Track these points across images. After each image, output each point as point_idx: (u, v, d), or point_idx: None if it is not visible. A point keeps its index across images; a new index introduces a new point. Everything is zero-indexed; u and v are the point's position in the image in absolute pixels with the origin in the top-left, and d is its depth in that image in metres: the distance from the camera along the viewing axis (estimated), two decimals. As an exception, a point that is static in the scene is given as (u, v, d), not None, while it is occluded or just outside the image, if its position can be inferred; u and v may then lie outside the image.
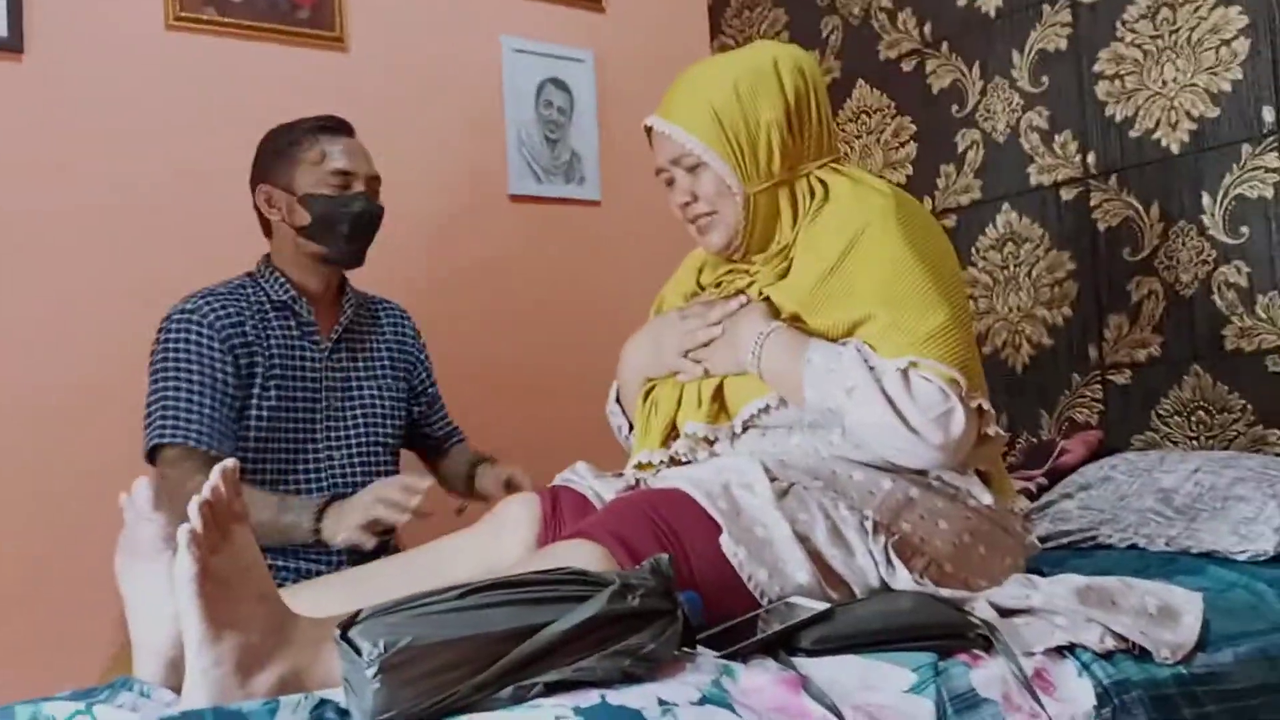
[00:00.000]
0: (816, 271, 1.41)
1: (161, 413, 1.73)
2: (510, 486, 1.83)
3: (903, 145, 2.62)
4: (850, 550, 1.23)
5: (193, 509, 0.97)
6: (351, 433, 1.91)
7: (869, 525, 1.25)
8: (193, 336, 1.77)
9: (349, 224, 1.83)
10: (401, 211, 2.32)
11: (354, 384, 1.93)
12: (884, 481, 1.31)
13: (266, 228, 1.91)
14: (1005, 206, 2.40)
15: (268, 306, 1.86)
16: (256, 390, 1.80)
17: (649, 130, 1.53)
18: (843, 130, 2.76)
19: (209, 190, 2.25)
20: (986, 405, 1.35)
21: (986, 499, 1.37)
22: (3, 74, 2.07)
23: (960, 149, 2.49)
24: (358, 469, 1.90)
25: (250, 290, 1.87)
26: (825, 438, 1.38)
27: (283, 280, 1.87)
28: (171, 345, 1.77)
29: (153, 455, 1.74)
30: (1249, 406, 2.02)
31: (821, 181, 1.48)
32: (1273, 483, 1.66)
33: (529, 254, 2.63)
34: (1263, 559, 1.55)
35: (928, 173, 2.56)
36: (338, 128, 1.88)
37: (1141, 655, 1.21)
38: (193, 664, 0.96)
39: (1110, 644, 1.18)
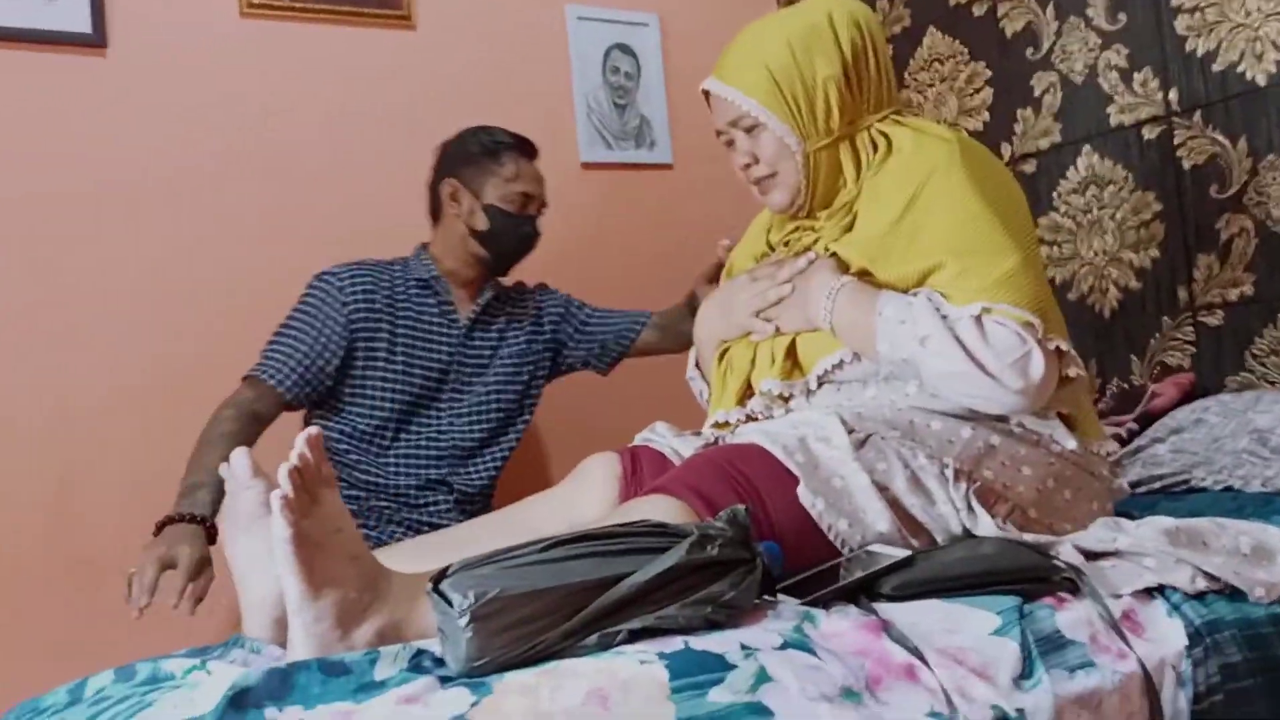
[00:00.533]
0: (882, 223, 1.40)
1: (266, 352, 1.87)
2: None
3: (977, 92, 2.57)
4: (930, 498, 1.23)
5: (282, 475, 1.01)
6: (475, 408, 2.01)
7: (949, 473, 1.24)
8: (318, 295, 1.92)
9: (517, 241, 1.99)
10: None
11: (487, 364, 2.04)
12: (963, 430, 1.31)
13: (435, 216, 2.04)
14: (1086, 149, 2.35)
15: (411, 282, 1.99)
16: (383, 356, 1.92)
17: (706, 94, 1.53)
18: (914, 79, 2.71)
19: (288, 173, 2.30)
20: (1066, 346, 1.33)
21: (1070, 443, 1.35)
22: (88, 69, 2.14)
23: (1037, 92, 2.43)
24: (475, 438, 2.01)
25: (399, 269, 2.01)
26: (901, 389, 1.37)
27: (431, 264, 2.01)
28: (302, 298, 1.93)
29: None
30: (1347, 342, 1.96)
31: (883, 134, 1.47)
32: (1375, 418, 1.61)
33: (604, 221, 2.65)
34: (1364, 496, 1.51)
35: (1004, 118, 2.51)
36: (529, 151, 2.02)
37: (1234, 596, 1.19)
38: (295, 622, 1.00)
39: (1202, 584, 1.17)
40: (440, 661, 0.93)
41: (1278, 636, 1.17)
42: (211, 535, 1.56)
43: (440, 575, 0.95)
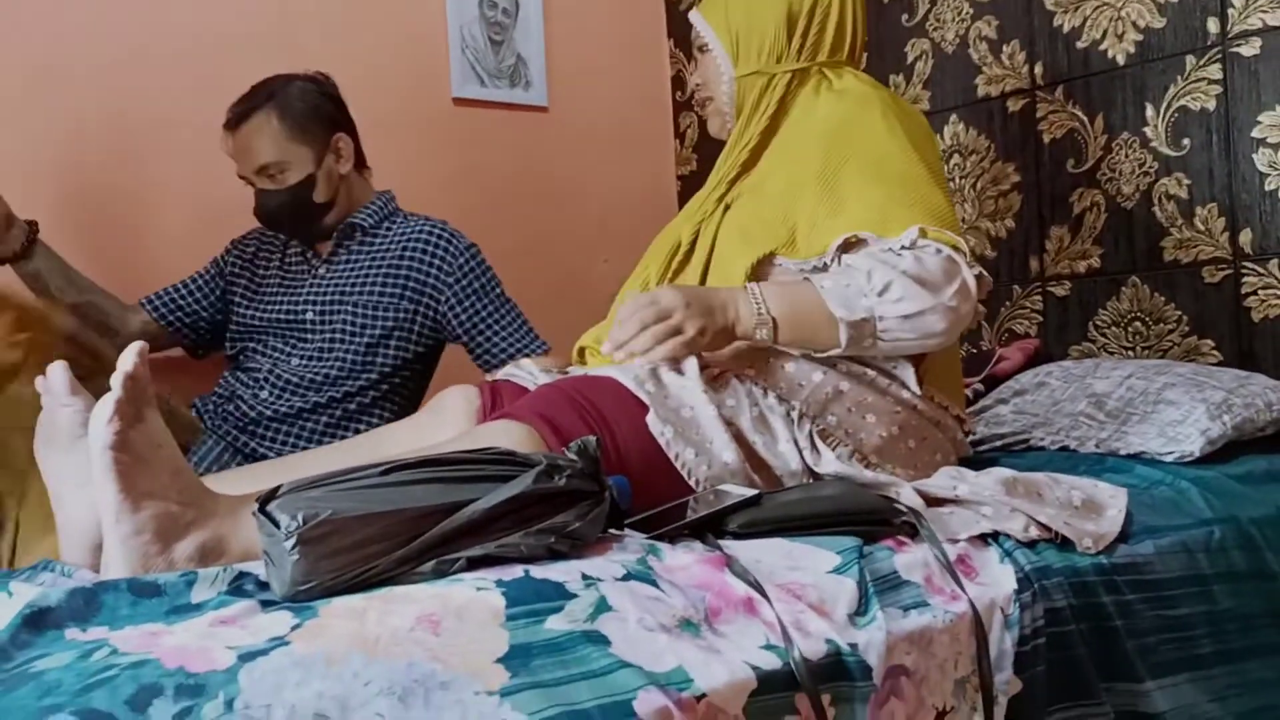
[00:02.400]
0: (802, 171, 1.44)
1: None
2: None
3: (853, 55, 2.59)
4: (774, 436, 1.24)
5: (116, 380, 0.95)
6: (316, 343, 1.94)
7: (794, 414, 1.26)
8: (221, 253, 2.09)
9: (267, 221, 1.96)
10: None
11: (337, 300, 1.95)
12: (815, 374, 1.32)
13: None
14: (953, 118, 2.39)
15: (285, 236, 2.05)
16: (240, 296, 2.02)
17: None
18: (793, 39, 2.72)
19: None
20: (983, 273, 1.37)
21: (916, 389, 1.37)
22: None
23: (910, 59, 2.47)
24: (317, 375, 1.92)
25: None
26: None
27: None
28: None
29: None
30: (1184, 317, 2.05)
31: (810, 79, 1.55)
32: (1201, 387, 1.69)
33: (473, 160, 2.59)
34: (1189, 460, 1.58)
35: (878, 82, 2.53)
36: (227, 123, 1.90)
37: (1064, 545, 1.24)
38: (111, 534, 0.95)
39: (1034, 534, 1.21)
40: (265, 585, 0.89)
41: (1102, 585, 1.22)
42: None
43: (269, 496, 0.90)
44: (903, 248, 1.32)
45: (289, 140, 1.88)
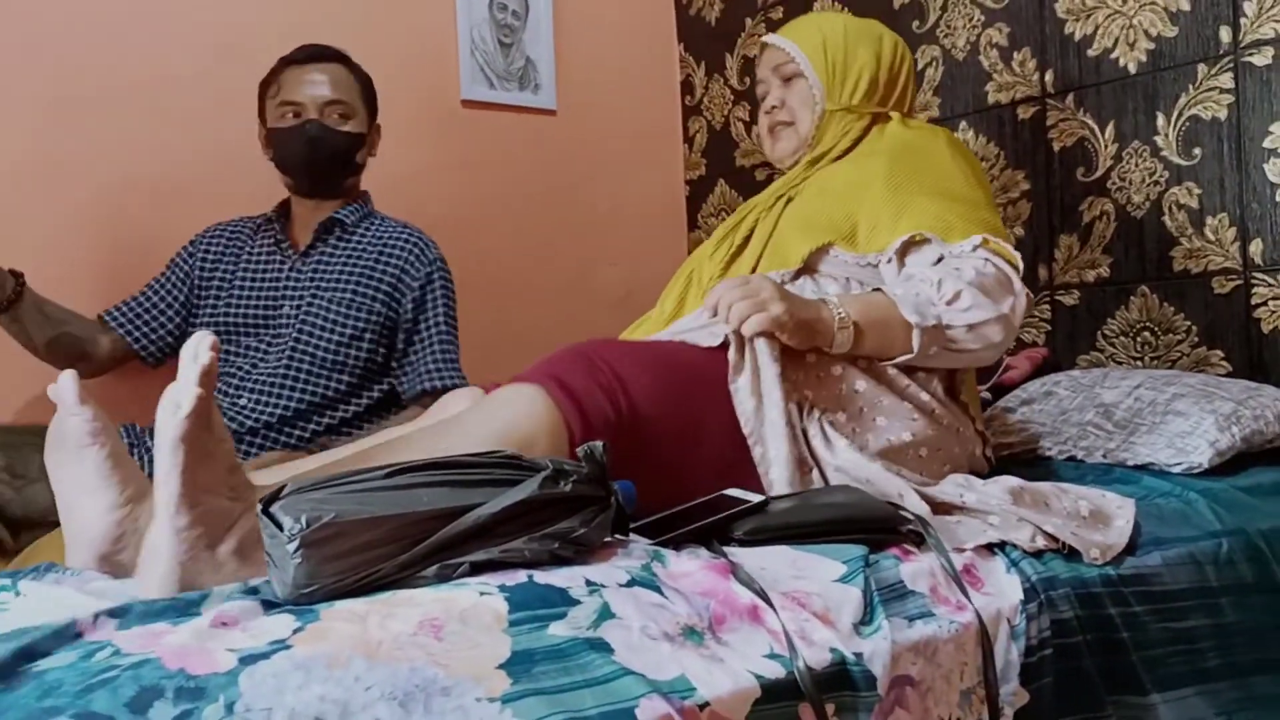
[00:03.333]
0: (869, 175, 1.53)
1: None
2: None
3: (863, 61, 2.59)
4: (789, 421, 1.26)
5: (194, 373, 0.96)
6: (290, 343, 1.91)
7: (805, 404, 1.27)
8: (176, 256, 2.04)
9: (298, 155, 1.90)
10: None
11: (307, 294, 1.93)
12: (834, 367, 1.32)
13: None
14: (963, 125, 2.39)
15: (256, 226, 2.03)
16: (212, 297, 1.97)
17: (763, 47, 1.72)
18: (803, 45, 2.72)
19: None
20: (1029, 292, 1.46)
21: (941, 394, 1.40)
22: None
23: (920, 65, 2.46)
24: (291, 374, 1.89)
25: (260, 218, 2.04)
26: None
27: (280, 206, 2.03)
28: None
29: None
30: (1193, 327, 2.04)
31: (885, 120, 1.67)
32: (1210, 398, 1.68)
33: (482, 162, 2.59)
34: (1197, 471, 1.57)
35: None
36: (297, 58, 1.93)
37: (1071, 556, 1.23)
38: (165, 525, 0.94)
39: (1040, 544, 1.20)
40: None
41: (1108, 596, 1.21)
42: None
43: (272, 497, 0.90)
44: (963, 254, 1.41)
45: (360, 97, 1.97)
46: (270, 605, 0.85)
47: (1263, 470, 1.63)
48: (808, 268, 1.51)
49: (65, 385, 1.07)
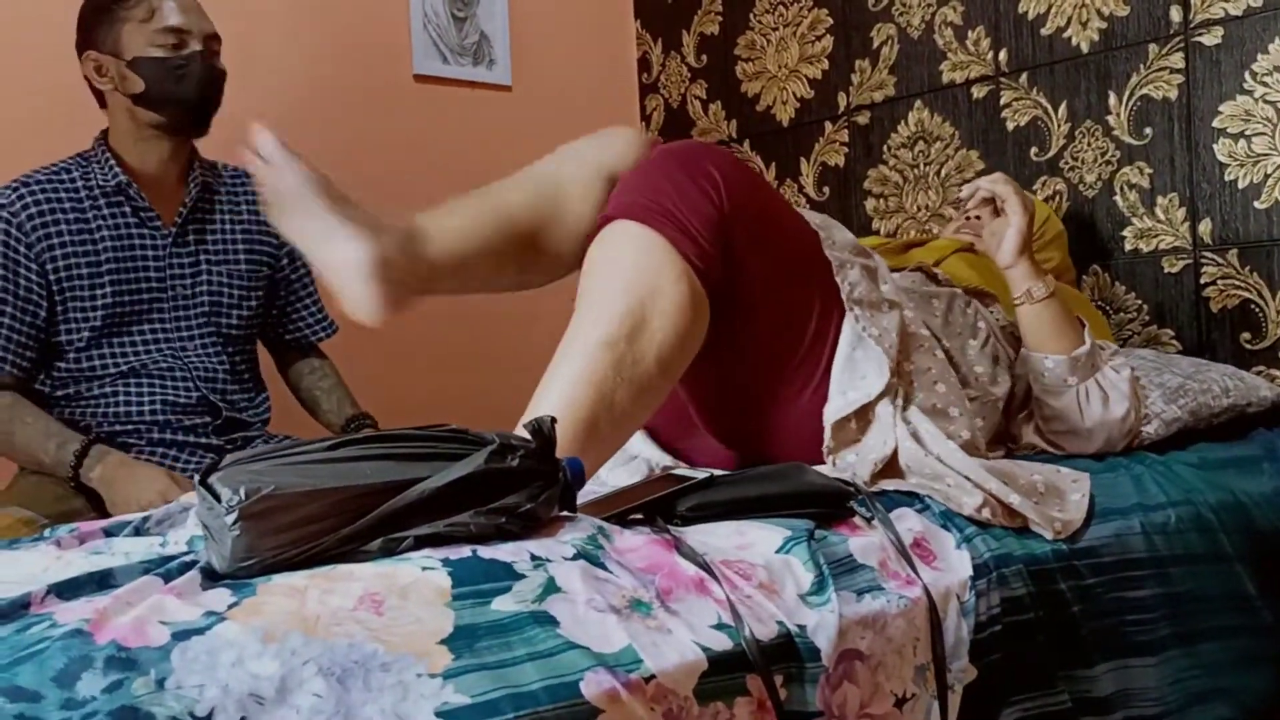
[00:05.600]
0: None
1: None
2: None
3: (819, 39, 2.58)
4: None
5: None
6: (198, 324, 1.78)
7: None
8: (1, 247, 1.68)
9: (187, 88, 1.69)
10: (298, 87, 2.22)
11: (202, 270, 1.79)
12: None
13: (100, 100, 1.76)
14: (918, 104, 2.39)
15: (98, 195, 1.72)
16: (86, 291, 1.70)
17: None
18: (759, 21, 2.71)
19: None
20: None
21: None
22: None
23: (875, 44, 2.46)
24: (212, 363, 1.79)
25: (78, 175, 1.73)
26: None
27: (114, 164, 1.72)
28: None
29: None
30: (1144, 306, 2.06)
31: None
32: (1160, 372, 1.70)
33: (434, 138, 2.55)
34: (1145, 444, 1.58)
35: (843, 67, 2.53)
36: None
37: (1022, 532, 1.23)
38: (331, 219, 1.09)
39: (986, 515, 1.20)
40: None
41: (1060, 571, 1.22)
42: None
43: (211, 468, 0.88)
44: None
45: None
46: (212, 576, 0.83)
47: (1210, 446, 1.65)
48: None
49: (267, 141, 1.12)
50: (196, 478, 0.88)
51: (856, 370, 1.28)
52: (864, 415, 1.27)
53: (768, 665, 0.89)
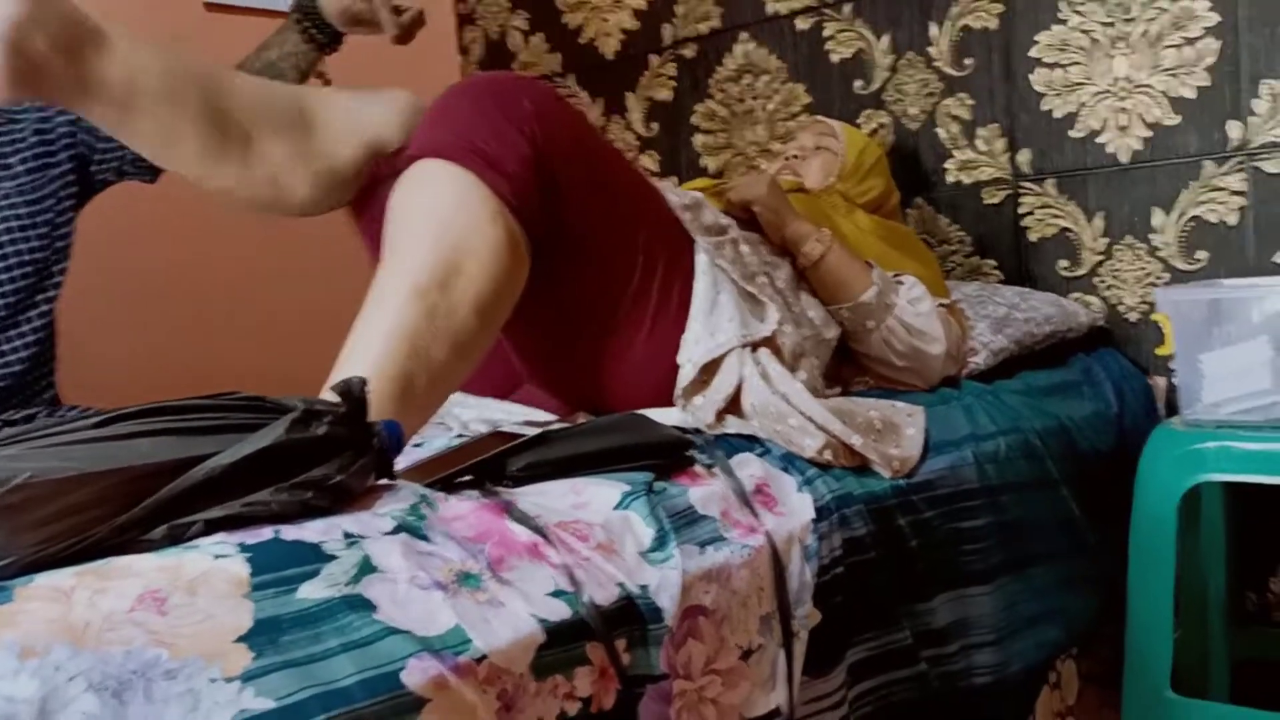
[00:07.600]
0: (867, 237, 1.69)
1: None
2: None
3: (641, -31, 2.50)
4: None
5: None
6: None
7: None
8: None
9: None
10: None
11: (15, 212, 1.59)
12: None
13: None
14: (744, 36, 2.34)
15: None
16: None
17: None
18: (579, -50, 2.60)
19: None
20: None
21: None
22: None
23: (699, -25, 2.39)
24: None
25: None
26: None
27: None
28: None
29: None
30: (967, 238, 2.08)
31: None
32: (985, 304, 1.71)
33: (232, 75, 2.35)
34: (974, 374, 1.60)
35: (666, 0, 2.45)
36: None
37: (862, 470, 1.21)
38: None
39: (828, 456, 1.17)
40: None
41: (899, 507, 1.20)
42: None
43: (-45, 457, 0.75)
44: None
45: None
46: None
47: (1034, 374, 1.68)
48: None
49: None
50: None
51: (723, 312, 1.24)
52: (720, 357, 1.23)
53: (609, 631, 0.84)
